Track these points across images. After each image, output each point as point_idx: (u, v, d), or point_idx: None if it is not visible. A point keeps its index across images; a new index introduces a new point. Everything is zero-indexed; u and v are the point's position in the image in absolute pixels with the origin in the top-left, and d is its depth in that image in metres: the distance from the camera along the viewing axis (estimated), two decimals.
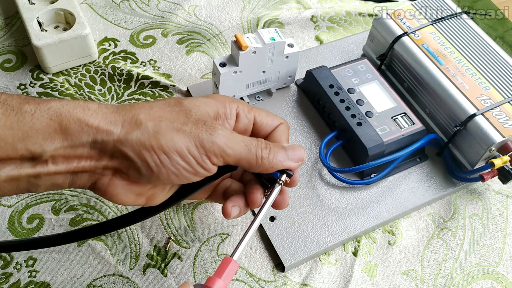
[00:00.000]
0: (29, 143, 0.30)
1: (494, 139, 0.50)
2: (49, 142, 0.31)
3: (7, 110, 0.30)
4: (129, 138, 0.32)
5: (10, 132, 0.30)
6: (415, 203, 0.53)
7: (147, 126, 0.32)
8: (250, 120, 0.39)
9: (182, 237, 0.50)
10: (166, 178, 0.33)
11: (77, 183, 0.33)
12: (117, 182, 0.34)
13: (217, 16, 0.70)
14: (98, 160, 0.32)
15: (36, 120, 0.30)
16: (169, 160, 0.32)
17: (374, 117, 0.54)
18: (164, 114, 0.34)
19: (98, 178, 0.33)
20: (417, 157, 0.56)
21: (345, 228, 0.51)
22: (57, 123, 0.31)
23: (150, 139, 0.32)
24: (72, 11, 0.62)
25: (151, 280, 0.47)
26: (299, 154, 0.38)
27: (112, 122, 0.32)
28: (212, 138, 0.33)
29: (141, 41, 0.66)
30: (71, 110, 0.31)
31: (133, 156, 0.32)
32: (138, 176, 0.33)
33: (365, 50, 0.65)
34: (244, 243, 0.36)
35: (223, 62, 0.55)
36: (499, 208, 0.55)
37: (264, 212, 0.37)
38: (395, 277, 0.49)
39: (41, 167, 0.31)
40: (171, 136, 0.32)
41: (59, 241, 0.40)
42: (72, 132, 0.31)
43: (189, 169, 0.33)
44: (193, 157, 0.33)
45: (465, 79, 0.55)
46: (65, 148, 0.31)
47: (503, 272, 0.51)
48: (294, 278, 0.49)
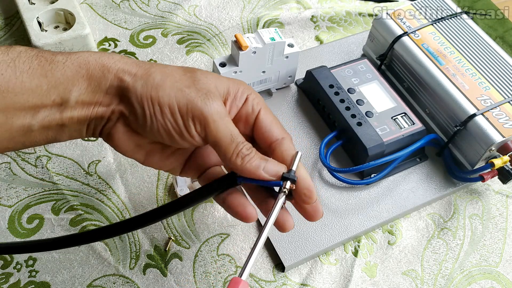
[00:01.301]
0: (60, 89, 0.33)
1: (494, 139, 0.50)
2: (76, 87, 0.33)
3: (41, 61, 0.32)
4: (135, 85, 0.34)
5: (45, 80, 0.32)
6: (415, 203, 0.53)
7: (154, 78, 0.34)
8: (254, 111, 0.38)
9: (182, 237, 0.50)
10: (156, 131, 0.35)
11: (91, 129, 0.36)
12: (120, 128, 0.36)
13: (217, 16, 0.70)
14: (109, 106, 0.35)
15: (67, 68, 0.33)
16: (160, 112, 0.34)
17: (374, 117, 0.54)
18: (174, 73, 0.35)
19: (106, 123, 0.36)
20: (417, 157, 0.56)
21: (345, 228, 0.51)
22: (85, 70, 0.33)
23: (151, 90, 0.34)
24: (72, 11, 0.62)
25: (151, 280, 0.47)
26: (276, 169, 0.35)
27: (128, 70, 0.34)
28: (204, 107, 0.34)
29: (141, 41, 0.66)
30: (97, 58, 0.34)
31: (135, 102, 0.34)
32: (136, 123, 0.35)
33: (365, 50, 0.65)
34: (251, 262, 0.33)
35: (223, 62, 0.55)
36: (499, 208, 0.55)
37: (270, 225, 0.34)
38: (395, 277, 0.49)
39: (67, 113, 0.34)
40: (169, 91, 0.34)
41: (60, 244, 0.40)
42: (95, 78, 0.34)
43: (175, 128, 0.35)
44: (181, 116, 0.34)
45: (465, 79, 0.55)
46: (88, 94, 0.34)
47: (503, 272, 0.51)
48: (294, 278, 0.49)
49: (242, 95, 0.37)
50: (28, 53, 0.32)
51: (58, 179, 0.53)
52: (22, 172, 0.53)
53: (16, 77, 0.31)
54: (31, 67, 0.32)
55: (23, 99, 0.32)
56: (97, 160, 0.55)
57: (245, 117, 0.37)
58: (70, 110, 0.34)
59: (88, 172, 0.54)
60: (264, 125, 0.37)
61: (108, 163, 0.55)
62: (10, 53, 0.32)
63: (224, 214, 0.52)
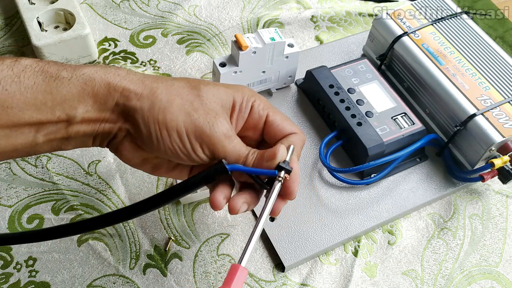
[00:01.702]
0: (66, 106, 0.33)
1: (494, 139, 0.50)
2: (82, 105, 0.34)
3: (47, 77, 0.33)
4: (142, 107, 0.34)
5: (49, 96, 0.32)
6: (415, 203, 0.53)
7: (161, 100, 0.35)
8: (261, 117, 0.39)
9: (182, 237, 0.50)
10: (163, 152, 0.36)
11: (97, 142, 0.37)
12: (127, 145, 0.37)
13: (217, 16, 0.70)
14: (115, 123, 0.35)
15: (72, 85, 0.33)
16: (168, 136, 0.35)
17: (374, 117, 0.54)
18: (181, 93, 0.36)
19: (113, 138, 0.37)
20: (417, 157, 0.56)
21: (345, 228, 0.51)
22: (90, 87, 0.34)
23: (159, 113, 0.34)
24: (72, 11, 0.62)
25: (151, 280, 0.47)
26: (273, 152, 0.36)
27: (134, 90, 0.35)
28: (212, 134, 0.35)
29: (141, 41, 0.66)
30: (103, 76, 0.34)
31: (141, 124, 0.35)
32: (142, 143, 0.36)
33: (365, 50, 0.65)
34: (251, 247, 0.34)
35: (223, 62, 0.55)
36: (499, 208, 0.55)
37: (267, 212, 0.36)
38: (395, 277, 0.49)
39: (73, 128, 0.34)
40: (177, 116, 0.35)
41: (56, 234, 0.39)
42: (101, 96, 0.34)
43: (184, 150, 0.35)
44: (189, 141, 0.35)
45: (465, 79, 0.55)
46: (94, 111, 0.34)
47: (503, 272, 0.51)
48: (294, 278, 0.49)
49: (247, 104, 0.38)
50: (33, 67, 0.33)
51: (58, 179, 0.53)
52: (22, 172, 0.53)
53: (20, 93, 0.32)
54: (36, 82, 0.32)
55: (27, 115, 0.32)
56: (97, 160, 0.55)
57: (254, 124, 0.39)
58: (76, 126, 0.34)
59: (88, 172, 0.54)
60: (275, 125, 0.39)
61: (108, 163, 0.55)
62: (15, 68, 0.32)
63: (224, 214, 0.52)
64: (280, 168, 0.36)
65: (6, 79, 0.31)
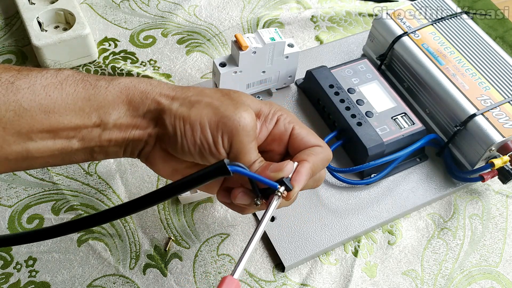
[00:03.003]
0: (101, 112, 0.35)
1: (494, 139, 0.50)
2: (116, 111, 0.35)
3: (86, 85, 0.35)
4: (171, 107, 0.36)
5: (88, 103, 0.34)
6: (415, 203, 0.53)
7: (190, 101, 0.36)
8: (286, 130, 0.39)
9: (182, 237, 0.50)
10: (187, 151, 0.36)
11: (128, 151, 0.38)
12: (158, 153, 0.38)
13: (217, 16, 0.70)
14: (146, 129, 0.36)
15: (109, 93, 0.35)
16: (190, 130, 0.35)
17: (374, 117, 0.54)
18: (211, 95, 0.37)
19: (144, 146, 0.37)
20: (417, 157, 0.56)
21: (345, 228, 0.51)
22: (125, 95, 0.36)
23: (184, 110, 0.36)
24: (72, 11, 0.62)
25: (151, 280, 0.47)
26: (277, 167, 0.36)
27: (165, 94, 0.36)
28: (236, 123, 0.35)
29: (141, 41, 0.66)
30: (136, 85, 0.36)
31: (168, 124, 0.36)
32: (168, 144, 0.36)
33: (365, 50, 0.65)
34: (244, 260, 0.34)
35: (223, 62, 0.55)
36: (499, 208, 0.55)
37: (264, 225, 0.35)
38: (395, 277, 0.49)
39: (105, 135, 0.36)
40: (202, 110, 0.36)
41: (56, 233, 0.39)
42: (134, 103, 0.36)
43: (204, 143, 0.36)
44: (211, 132, 0.35)
45: (465, 79, 0.55)
46: (126, 117, 0.36)
47: (503, 272, 0.51)
48: (294, 278, 0.49)
49: (273, 116, 0.39)
50: (74, 77, 0.35)
51: (58, 179, 0.53)
52: (22, 172, 0.53)
53: (62, 99, 0.34)
54: (76, 90, 0.34)
55: (67, 120, 0.34)
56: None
57: (279, 137, 0.39)
58: (108, 132, 0.36)
59: (88, 172, 0.54)
60: (300, 137, 0.39)
61: (108, 163, 0.55)
62: (58, 76, 0.34)
63: (224, 214, 0.52)
64: (282, 182, 0.35)
65: (49, 86, 0.33)
